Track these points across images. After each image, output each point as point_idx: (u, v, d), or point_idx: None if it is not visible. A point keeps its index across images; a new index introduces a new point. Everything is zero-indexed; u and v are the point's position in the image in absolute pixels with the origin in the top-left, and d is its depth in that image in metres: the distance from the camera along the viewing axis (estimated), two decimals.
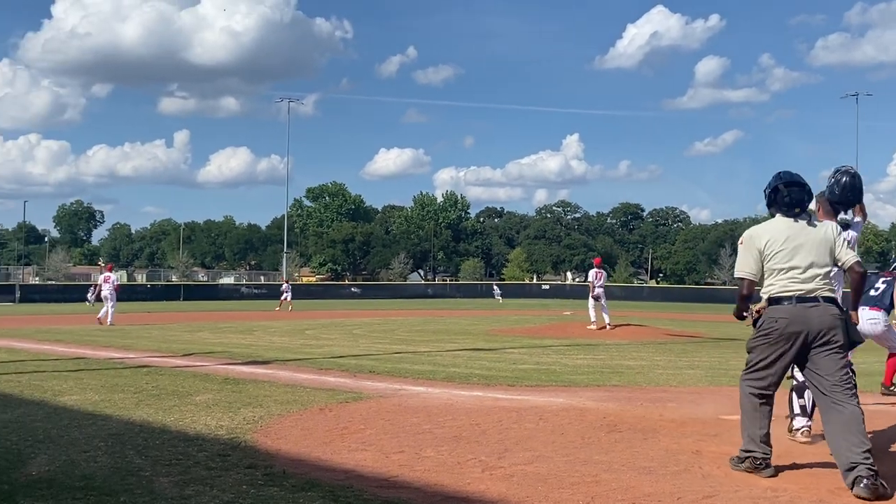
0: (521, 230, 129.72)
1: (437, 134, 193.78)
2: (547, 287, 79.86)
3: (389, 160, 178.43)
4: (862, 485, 4.84)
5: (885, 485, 4.87)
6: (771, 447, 5.48)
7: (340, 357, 13.99)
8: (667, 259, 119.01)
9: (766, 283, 5.48)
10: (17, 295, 52.43)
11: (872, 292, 8.95)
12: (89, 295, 26.45)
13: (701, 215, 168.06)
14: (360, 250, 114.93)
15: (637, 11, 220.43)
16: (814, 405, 6.01)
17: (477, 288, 77.44)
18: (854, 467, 4.92)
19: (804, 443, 6.42)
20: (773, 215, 5.67)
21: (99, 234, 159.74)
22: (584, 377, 11.21)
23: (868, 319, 8.41)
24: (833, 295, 5.45)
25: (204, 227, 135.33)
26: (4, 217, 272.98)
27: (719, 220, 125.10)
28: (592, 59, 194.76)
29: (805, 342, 5.30)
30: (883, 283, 9.19)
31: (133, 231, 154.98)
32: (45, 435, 6.65)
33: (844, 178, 6.35)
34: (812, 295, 5.34)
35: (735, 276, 5.64)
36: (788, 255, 5.41)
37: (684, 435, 6.72)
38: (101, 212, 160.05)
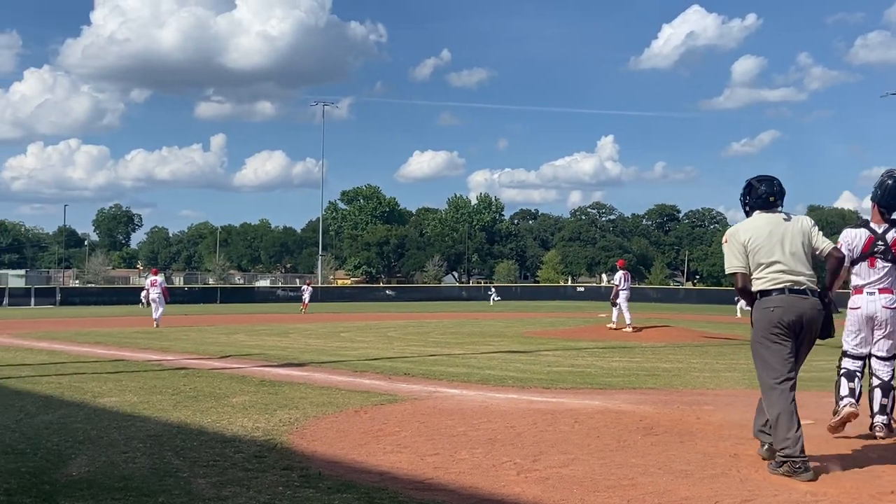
0: (555, 232, 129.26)
1: (471, 136, 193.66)
2: (582, 289, 79.48)
3: (423, 163, 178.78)
4: (766, 451, 5.58)
5: (809, 465, 5.33)
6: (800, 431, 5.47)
7: (375, 359, 14.03)
8: (703, 261, 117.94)
9: (753, 277, 5.70)
10: (58, 298, 53.21)
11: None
12: (143, 296, 27.06)
13: (738, 217, 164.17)
14: (394, 253, 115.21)
15: (673, 11, 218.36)
16: (871, 394, 6.49)
17: (512, 290, 77.31)
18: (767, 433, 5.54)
19: (851, 418, 6.55)
20: (749, 213, 5.92)
21: (137, 238, 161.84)
22: (619, 380, 11.14)
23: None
24: (817, 288, 5.71)
25: (240, 231, 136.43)
26: (45, 221, 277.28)
27: None
28: (627, 59, 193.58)
29: (797, 329, 5.57)
30: None
31: (170, 234, 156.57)
32: (85, 436, 6.74)
33: (888, 182, 6.58)
34: (802, 287, 5.62)
35: (727, 273, 5.88)
36: (772, 249, 5.65)
37: (722, 438, 6.65)
38: (139, 215, 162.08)
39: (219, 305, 52.44)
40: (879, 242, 6.59)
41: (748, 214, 5.94)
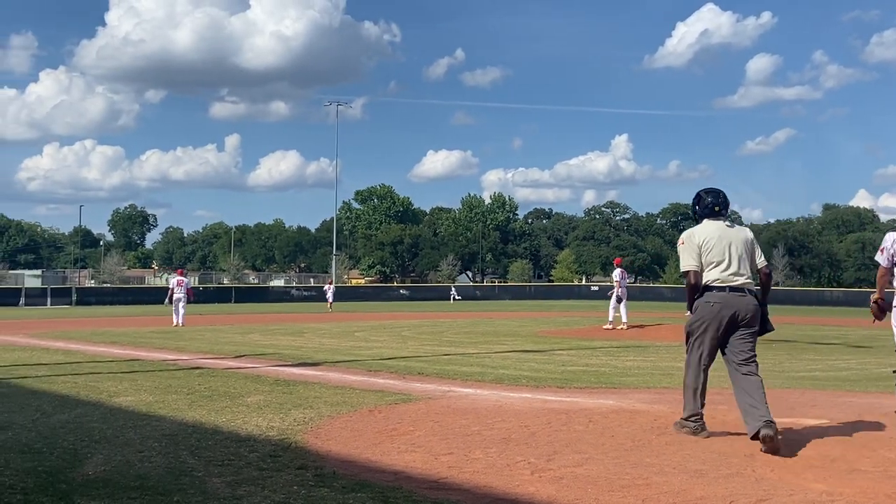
0: (569, 231, 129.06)
1: (485, 135, 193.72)
2: (596, 288, 79.16)
3: (437, 162, 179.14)
4: (766, 432, 6.00)
5: (779, 435, 6.09)
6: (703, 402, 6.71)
7: (389, 359, 14.05)
8: None
9: (704, 274, 6.55)
10: (74, 297, 53.52)
11: None
12: (166, 300, 27.39)
13: (753, 215, 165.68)
14: (408, 252, 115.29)
15: (687, 10, 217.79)
16: None
17: (526, 290, 77.23)
18: (760, 420, 6.10)
19: None
20: (700, 220, 6.79)
21: (152, 238, 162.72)
22: (634, 379, 11.11)
23: None
24: (756, 288, 6.58)
25: (254, 231, 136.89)
26: (61, 222, 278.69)
27: (771, 220, 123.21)
28: (641, 58, 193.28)
29: (732, 323, 6.45)
30: None
31: (185, 234, 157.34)
32: (101, 435, 6.77)
33: None
34: (741, 286, 6.47)
35: (682, 270, 6.68)
36: (721, 252, 6.52)
37: (737, 437, 6.62)
38: (154, 216, 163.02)
39: (233, 305, 52.60)
40: None
41: (697, 221, 6.82)
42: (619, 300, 22.08)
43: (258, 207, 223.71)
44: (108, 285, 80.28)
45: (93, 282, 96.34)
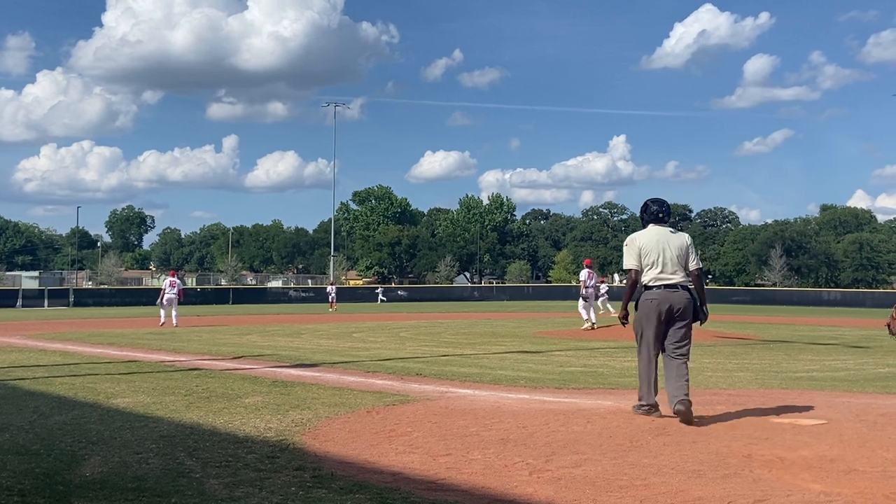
0: (567, 232, 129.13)
1: (483, 136, 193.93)
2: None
3: (435, 163, 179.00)
4: (679, 407, 7.13)
5: (691, 412, 7.15)
6: (654, 397, 7.54)
7: (387, 360, 14.04)
8: (716, 260, 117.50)
9: (644, 274, 7.49)
10: (71, 299, 53.48)
11: None
12: (158, 301, 27.37)
13: (750, 216, 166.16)
14: (406, 253, 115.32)
15: (685, 10, 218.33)
16: None
17: (524, 290, 77.25)
18: (677, 398, 7.18)
19: None
20: (645, 225, 7.69)
21: (150, 239, 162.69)
22: (631, 380, 11.09)
23: None
24: (688, 283, 7.45)
25: (252, 232, 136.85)
26: (58, 223, 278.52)
27: (769, 221, 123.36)
28: (639, 59, 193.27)
29: (669, 315, 7.36)
30: None
31: (183, 235, 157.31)
32: (99, 437, 6.76)
33: None
34: (674, 284, 7.41)
35: (624, 268, 7.67)
36: (657, 255, 7.43)
37: (734, 438, 6.63)
38: (151, 217, 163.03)
39: (231, 306, 52.58)
40: None
41: (644, 226, 7.70)
42: (584, 300, 22.12)
43: (256, 208, 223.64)
44: (106, 286, 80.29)
45: (90, 283, 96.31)
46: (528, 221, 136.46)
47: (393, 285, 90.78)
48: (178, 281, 27.19)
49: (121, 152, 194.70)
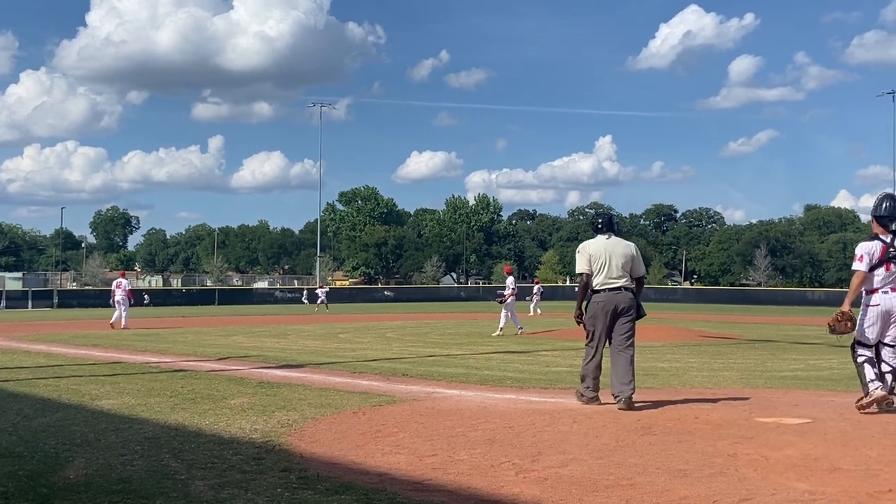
0: (553, 232, 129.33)
1: (469, 137, 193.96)
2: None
3: (421, 163, 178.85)
4: (622, 400, 8.12)
5: (633, 402, 8.12)
6: (596, 386, 8.49)
7: (373, 360, 14.03)
8: (701, 260, 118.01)
9: (593, 279, 8.39)
10: (55, 300, 53.18)
11: None
12: (111, 301, 27.08)
13: (735, 216, 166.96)
14: (392, 254, 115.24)
15: (670, 11, 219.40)
16: (882, 378, 7.78)
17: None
18: (622, 390, 8.16)
19: (882, 401, 7.71)
20: (594, 235, 8.64)
21: (134, 240, 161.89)
22: None
23: None
24: (632, 286, 8.39)
25: (238, 232, 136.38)
26: (42, 223, 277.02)
27: (754, 221, 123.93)
28: (625, 60, 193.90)
29: (614, 314, 8.29)
30: None
31: (168, 236, 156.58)
32: (83, 439, 6.73)
33: (885, 202, 8.05)
34: (619, 286, 8.31)
35: (577, 272, 8.55)
36: (605, 261, 8.34)
37: (720, 437, 6.65)
38: (136, 217, 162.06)
39: (217, 307, 52.40)
40: (891, 249, 7.86)
41: (593, 235, 8.65)
42: (501, 302, 22.25)
43: (242, 209, 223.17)
44: (90, 288, 79.78)
45: (74, 284, 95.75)
46: (514, 222, 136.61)
47: (379, 286, 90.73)
48: (125, 282, 26.77)
49: (105, 153, 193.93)
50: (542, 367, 12.90)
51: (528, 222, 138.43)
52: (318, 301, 45.48)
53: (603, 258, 8.34)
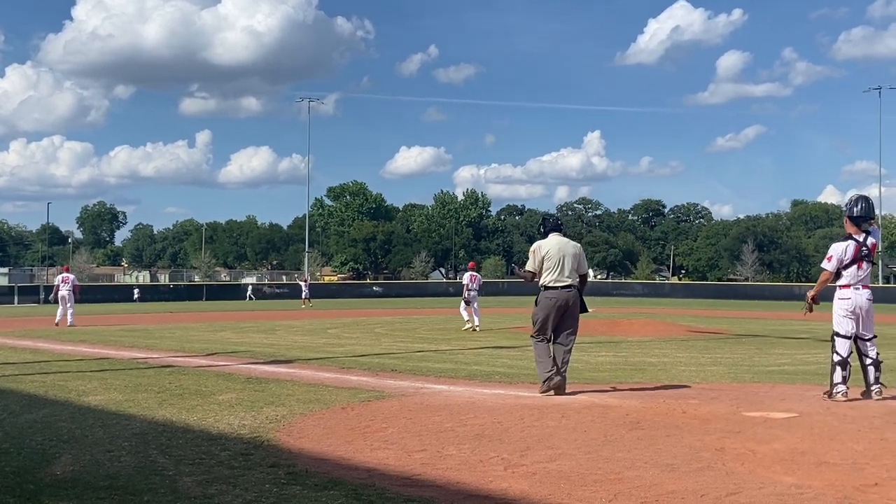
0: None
1: (458, 132, 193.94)
2: None
3: (410, 159, 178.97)
4: (553, 382, 8.82)
5: (564, 387, 8.86)
6: (555, 368, 8.89)
7: (362, 356, 14.02)
8: (689, 255, 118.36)
9: (543, 276, 8.98)
10: (42, 296, 52.91)
11: None
12: (51, 297, 26.44)
13: (723, 211, 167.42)
14: (381, 249, 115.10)
15: (659, 6, 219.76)
16: (850, 374, 8.24)
17: (499, 286, 77.35)
18: (552, 373, 8.83)
19: (843, 401, 8.08)
20: (546, 236, 9.19)
21: (122, 235, 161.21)
22: (606, 374, 11.17)
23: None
24: (577, 284, 9.02)
25: (226, 227, 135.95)
26: (28, 219, 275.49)
27: (741, 216, 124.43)
28: (613, 55, 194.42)
29: (562, 309, 8.91)
30: None
31: (155, 231, 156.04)
32: (70, 435, 6.70)
33: (860, 203, 8.52)
34: (568, 285, 8.95)
35: (526, 269, 9.16)
36: (556, 261, 8.95)
37: (707, 432, 6.68)
38: (123, 213, 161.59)
39: (204, 303, 52.26)
40: (863, 249, 8.37)
41: (544, 236, 9.20)
42: (466, 303, 22.16)
43: (229, 204, 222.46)
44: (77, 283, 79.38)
45: None
46: (502, 217, 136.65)
47: (368, 281, 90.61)
48: (71, 276, 25.97)
49: (92, 147, 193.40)
50: (531, 362, 12.87)
51: (517, 217, 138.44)
52: (304, 296, 45.29)
53: (556, 258, 8.97)
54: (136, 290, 57.59)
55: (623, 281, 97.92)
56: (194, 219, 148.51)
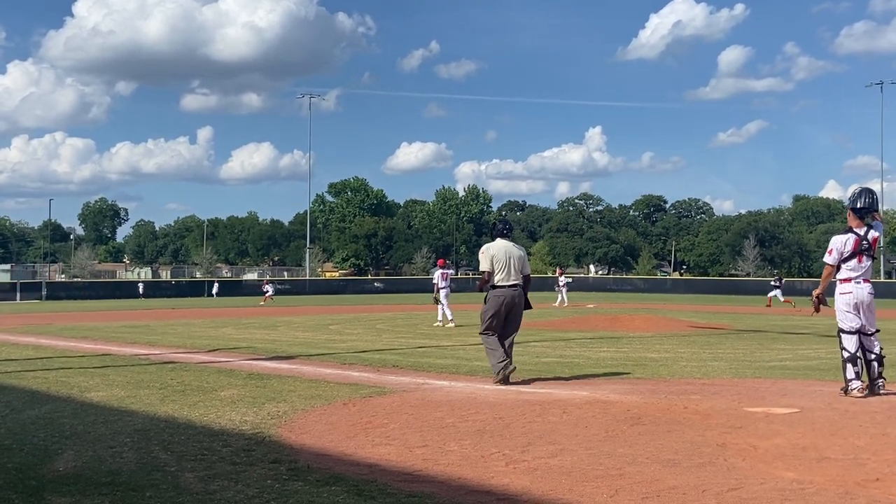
0: (543, 223, 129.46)
1: (459, 128, 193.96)
2: (570, 280, 79.56)
3: (411, 154, 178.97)
4: (507, 370, 9.43)
5: (508, 377, 9.40)
6: (508, 359, 9.54)
7: (364, 352, 14.03)
8: (690, 251, 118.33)
9: (494, 276, 9.65)
10: (44, 292, 52.98)
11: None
12: None
13: (724, 206, 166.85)
14: (382, 245, 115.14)
15: (660, 1, 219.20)
16: (862, 368, 8.26)
17: None
18: (505, 362, 9.44)
19: (860, 398, 8.06)
20: (494, 238, 9.90)
21: (123, 232, 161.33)
22: (607, 370, 11.17)
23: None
24: (521, 283, 9.68)
25: (227, 224, 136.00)
26: (30, 215, 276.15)
27: (743, 212, 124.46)
28: (615, 50, 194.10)
29: (509, 307, 9.59)
30: None
31: (157, 228, 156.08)
32: (72, 431, 6.71)
33: (864, 196, 8.52)
34: (514, 284, 9.62)
35: (480, 270, 9.85)
36: (504, 262, 9.64)
37: (709, 427, 6.68)
38: (125, 209, 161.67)
39: (206, 299, 52.27)
40: (864, 242, 8.34)
41: (493, 238, 9.91)
42: (436, 301, 22.17)
43: (231, 200, 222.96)
44: (79, 280, 79.55)
45: (63, 276, 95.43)
46: (504, 213, 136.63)
47: (369, 277, 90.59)
48: None
49: (94, 144, 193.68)
50: (532, 357, 12.91)
51: (518, 213, 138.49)
52: (266, 294, 44.66)
53: (504, 260, 9.64)
54: (140, 286, 57.62)
55: (624, 276, 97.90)
56: (196, 215, 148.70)
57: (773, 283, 39.10)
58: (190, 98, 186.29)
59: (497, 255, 9.69)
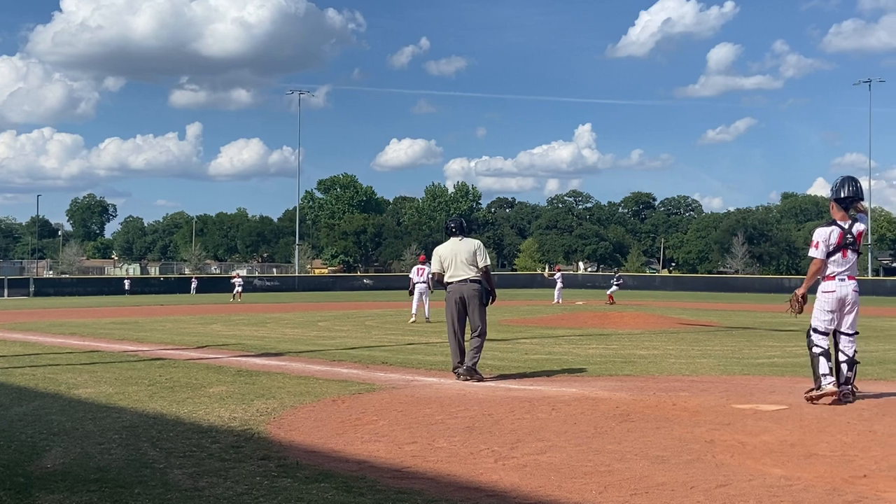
0: (532, 220, 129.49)
1: (449, 125, 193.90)
2: (558, 276, 79.54)
3: (401, 151, 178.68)
4: (458, 370, 9.69)
5: (468, 376, 9.57)
6: (460, 360, 9.76)
7: (353, 348, 14.02)
8: (679, 248, 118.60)
9: (446, 274, 10.00)
10: (32, 289, 52.76)
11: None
12: None
13: (713, 204, 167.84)
14: (371, 242, 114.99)
15: None
16: (838, 368, 7.72)
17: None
18: (457, 365, 9.74)
19: (833, 396, 7.54)
20: (447, 238, 10.28)
21: (112, 228, 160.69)
22: (596, 367, 11.19)
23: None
24: (477, 277, 9.92)
25: (216, 220, 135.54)
26: (18, 211, 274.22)
27: (731, 209, 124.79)
28: (604, 47, 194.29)
29: (463, 301, 9.87)
30: None
31: (146, 224, 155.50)
32: (60, 428, 6.69)
33: (847, 185, 7.84)
34: (463, 279, 9.89)
35: (431, 271, 10.53)
36: (451, 260, 10.00)
37: (697, 424, 6.70)
38: (113, 205, 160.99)
39: (195, 295, 52.13)
40: (848, 236, 7.70)
41: (446, 237, 10.28)
42: (410, 293, 22.27)
43: (220, 196, 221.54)
44: (67, 276, 79.18)
45: (51, 272, 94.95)
46: (493, 210, 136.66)
47: (358, 274, 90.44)
48: None
49: (82, 139, 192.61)
50: (521, 354, 12.94)
51: (508, 210, 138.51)
52: (235, 290, 43.78)
53: (450, 258, 10.00)
54: (126, 282, 57.42)
55: (613, 274, 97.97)
56: (185, 211, 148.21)
57: (613, 281, 40.34)
58: (179, 94, 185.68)
59: (444, 254, 10.12)
